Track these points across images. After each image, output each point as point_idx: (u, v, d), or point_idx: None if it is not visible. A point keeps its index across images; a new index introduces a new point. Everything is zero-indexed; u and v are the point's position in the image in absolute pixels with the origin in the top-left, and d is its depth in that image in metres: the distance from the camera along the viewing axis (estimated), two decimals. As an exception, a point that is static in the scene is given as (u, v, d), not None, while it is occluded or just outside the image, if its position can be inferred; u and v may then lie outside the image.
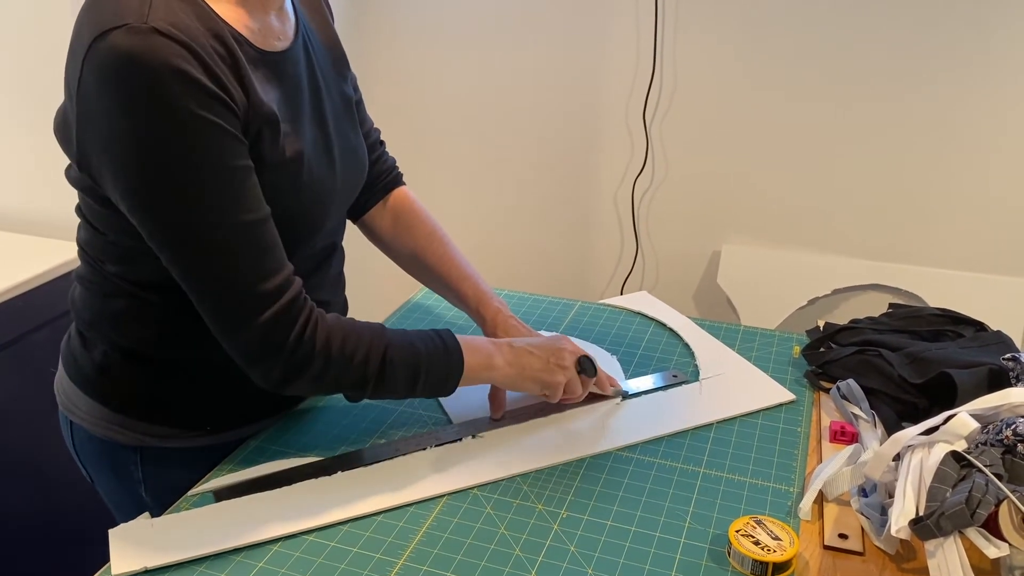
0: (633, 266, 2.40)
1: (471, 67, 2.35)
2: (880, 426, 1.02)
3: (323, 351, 0.89)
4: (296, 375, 0.89)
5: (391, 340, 0.94)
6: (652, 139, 2.26)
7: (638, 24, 2.16)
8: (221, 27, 0.84)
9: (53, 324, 1.52)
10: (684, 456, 1.01)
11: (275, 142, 0.88)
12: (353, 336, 0.91)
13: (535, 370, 1.02)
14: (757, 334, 1.29)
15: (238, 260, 0.84)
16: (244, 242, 0.84)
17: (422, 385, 0.96)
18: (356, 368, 0.91)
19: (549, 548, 0.86)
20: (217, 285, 0.85)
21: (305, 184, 0.92)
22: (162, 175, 0.80)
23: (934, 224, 2.10)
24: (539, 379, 1.02)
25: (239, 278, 0.84)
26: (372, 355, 0.92)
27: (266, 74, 0.89)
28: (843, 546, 0.85)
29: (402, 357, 0.94)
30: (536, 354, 1.02)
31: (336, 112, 1.01)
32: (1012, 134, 1.98)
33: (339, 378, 0.92)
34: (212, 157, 0.80)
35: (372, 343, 0.92)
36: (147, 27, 0.76)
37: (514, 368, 1.01)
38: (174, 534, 0.88)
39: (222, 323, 0.87)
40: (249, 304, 0.85)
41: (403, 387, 0.95)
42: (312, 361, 0.89)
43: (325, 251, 1.05)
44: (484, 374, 1.00)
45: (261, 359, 0.88)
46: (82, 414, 1.02)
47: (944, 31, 1.94)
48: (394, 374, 0.93)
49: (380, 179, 1.20)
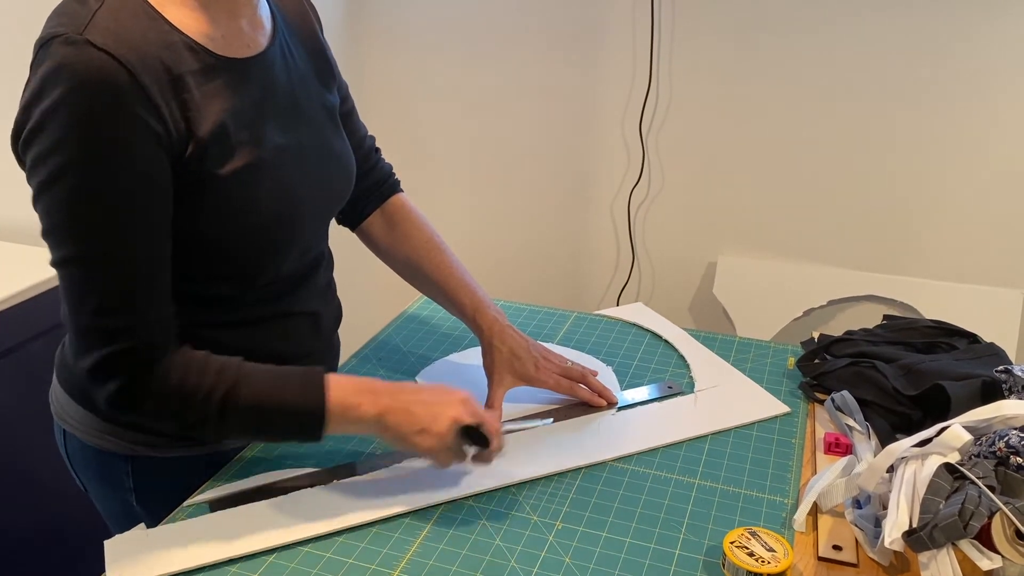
0: (629, 277, 2.41)
1: (468, 78, 2.35)
2: (874, 438, 1.03)
3: (146, 408, 0.88)
4: (116, 416, 0.92)
5: (240, 379, 0.88)
6: (648, 150, 2.27)
7: (635, 36, 2.17)
8: (171, 39, 0.84)
9: (50, 333, 1.52)
10: (679, 467, 1.01)
11: (225, 153, 0.87)
12: (195, 376, 0.87)
13: (404, 430, 0.91)
14: (752, 345, 1.30)
15: (94, 286, 0.83)
16: (109, 272, 0.83)
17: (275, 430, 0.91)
18: (189, 427, 0.89)
19: (544, 560, 0.86)
20: (70, 303, 0.85)
21: (266, 189, 0.91)
22: (63, 180, 0.80)
23: (929, 236, 2.11)
24: (406, 440, 0.91)
25: (89, 305, 0.84)
26: (209, 419, 0.88)
27: (225, 81, 0.89)
28: (837, 557, 0.86)
29: (250, 399, 0.88)
30: (413, 413, 0.91)
31: (315, 119, 1.01)
32: (1006, 146, 1.99)
33: (177, 416, 0.89)
34: (116, 178, 0.81)
35: (216, 383, 0.87)
36: (82, 39, 0.78)
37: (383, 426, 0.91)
38: (170, 545, 0.88)
39: (69, 339, 0.88)
40: (86, 334, 0.85)
41: (250, 431, 0.92)
42: (132, 412, 0.88)
43: (313, 260, 1.05)
44: (351, 426, 0.92)
45: (90, 387, 0.88)
46: (74, 423, 1.02)
47: (936, 45, 1.96)
48: (239, 417, 0.88)
49: (377, 187, 1.20)
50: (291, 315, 1.02)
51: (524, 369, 1.10)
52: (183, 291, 0.92)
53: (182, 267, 0.91)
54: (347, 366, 1.24)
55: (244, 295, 0.96)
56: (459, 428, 0.91)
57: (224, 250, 0.91)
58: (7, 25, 1.60)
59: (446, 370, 1.23)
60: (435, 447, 0.91)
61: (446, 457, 0.93)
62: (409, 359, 1.26)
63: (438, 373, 1.22)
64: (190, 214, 0.87)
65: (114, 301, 0.84)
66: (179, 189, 0.86)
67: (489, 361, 1.11)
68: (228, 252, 0.91)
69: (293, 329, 1.03)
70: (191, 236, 0.88)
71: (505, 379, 1.10)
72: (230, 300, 0.96)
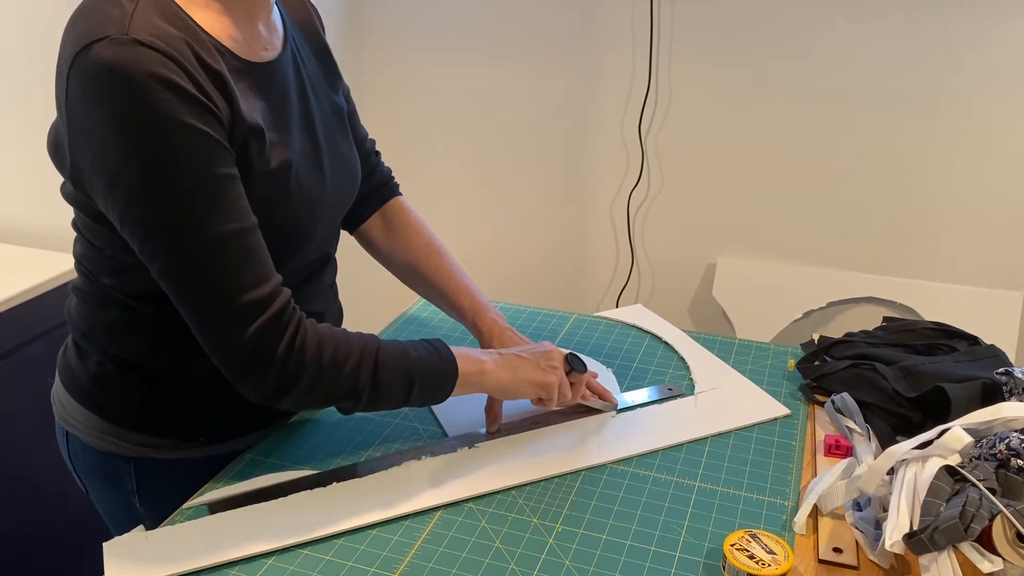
0: (628, 279, 2.41)
1: (468, 80, 2.36)
2: (874, 440, 1.02)
3: (314, 361, 0.89)
4: (288, 387, 0.89)
5: (383, 348, 0.93)
6: (647, 152, 2.27)
7: (634, 38, 2.17)
8: (203, 39, 0.85)
9: (50, 335, 1.52)
10: (679, 470, 1.01)
11: (261, 152, 0.88)
12: (345, 345, 0.91)
13: (527, 371, 1.02)
14: (752, 347, 1.30)
15: (223, 270, 0.83)
16: (230, 252, 0.84)
17: (417, 392, 0.95)
18: (348, 377, 0.91)
19: (544, 562, 0.86)
20: (203, 296, 0.84)
21: (293, 193, 0.92)
22: (149, 183, 0.80)
23: (929, 237, 2.11)
24: (532, 380, 1.02)
25: (224, 289, 0.84)
26: (364, 363, 0.91)
27: (251, 84, 0.89)
28: (838, 560, 0.86)
29: (395, 365, 0.93)
30: (526, 357, 1.03)
31: (326, 122, 1.01)
32: (1005, 148, 1.99)
33: (332, 388, 0.91)
34: (198, 164, 0.81)
35: (364, 351, 0.92)
36: (128, 38, 0.77)
37: (506, 372, 1.01)
38: (168, 547, 0.88)
39: (210, 335, 0.86)
40: (236, 315, 0.85)
41: (398, 395, 0.95)
42: (303, 372, 0.88)
43: (318, 262, 1.05)
44: (477, 379, 1.00)
45: (251, 372, 0.87)
46: (77, 424, 1.02)
47: (937, 49, 1.96)
48: (388, 381, 0.93)
49: (376, 190, 1.20)
50: None
51: None
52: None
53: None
54: (347, 368, 1.24)
55: None
56: (565, 356, 1.06)
57: None
58: (6, 25, 1.60)
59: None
60: (555, 379, 1.03)
61: (567, 387, 1.05)
62: (409, 361, 1.26)
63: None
64: None
65: (250, 274, 0.85)
66: None
67: None
68: None
69: None
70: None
71: None
72: None
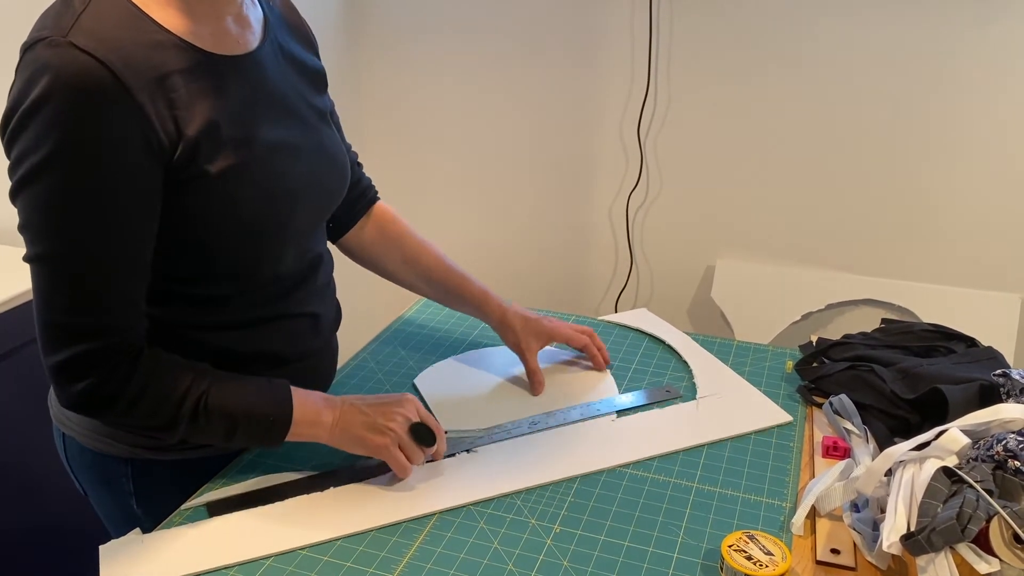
0: (627, 281, 2.41)
1: (466, 81, 2.36)
2: (872, 441, 1.03)
3: (133, 393, 0.88)
4: (92, 413, 0.89)
5: (212, 385, 0.91)
6: (646, 155, 2.27)
7: (633, 39, 2.18)
8: (160, 37, 0.85)
9: (48, 337, 1.52)
10: (677, 471, 1.01)
11: (218, 150, 0.88)
12: (169, 379, 0.89)
13: (357, 429, 0.96)
14: (751, 349, 1.30)
15: (69, 284, 0.84)
16: (82, 271, 0.84)
17: (240, 436, 0.93)
18: (167, 410, 0.89)
19: (542, 564, 0.86)
20: (41, 304, 0.85)
21: (260, 186, 0.92)
22: (42, 182, 0.80)
23: (927, 240, 2.12)
24: (362, 440, 0.96)
25: (65, 301, 0.84)
26: (188, 398, 0.90)
27: (215, 78, 0.89)
28: (835, 561, 0.86)
29: (221, 403, 0.91)
30: (365, 412, 0.97)
31: (308, 119, 1.01)
32: (1004, 150, 1.99)
33: (147, 418, 0.90)
34: (90, 179, 0.81)
35: (190, 387, 0.90)
36: (65, 41, 0.78)
37: (339, 427, 0.96)
38: (165, 550, 0.88)
39: (38, 336, 0.87)
40: (63, 330, 0.85)
41: (219, 436, 0.93)
42: (112, 405, 0.88)
43: (311, 261, 1.05)
44: (310, 430, 0.96)
45: (58, 386, 0.88)
46: (74, 426, 1.02)
47: (936, 51, 1.96)
48: (204, 426, 0.91)
49: (360, 198, 1.21)
50: (290, 316, 1.02)
51: (541, 327, 1.19)
52: (179, 292, 0.93)
53: (178, 267, 0.91)
54: (346, 368, 1.24)
55: (242, 295, 0.96)
56: (410, 425, 0.97)
57: (220, 248, 0.91)
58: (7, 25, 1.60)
59: (445, 373, 1.23)
60: (389, 444, 0.96)
61: (399, 455, 0.97)
62: (407, 362, 1.26)
63: (437, 376, 1.22)
64: (184, 213, 0.87)
65: (86, 300, 0.85)
66: (171, 189, 0.86)
67: (511, 336, 1.19)
68: (224, 250, 0.92)
69: (292, 330, 1.03)
70: (186, 235, 0.89)
71: (531, 343, 1.18)
72: (228, 300, 0.96)
